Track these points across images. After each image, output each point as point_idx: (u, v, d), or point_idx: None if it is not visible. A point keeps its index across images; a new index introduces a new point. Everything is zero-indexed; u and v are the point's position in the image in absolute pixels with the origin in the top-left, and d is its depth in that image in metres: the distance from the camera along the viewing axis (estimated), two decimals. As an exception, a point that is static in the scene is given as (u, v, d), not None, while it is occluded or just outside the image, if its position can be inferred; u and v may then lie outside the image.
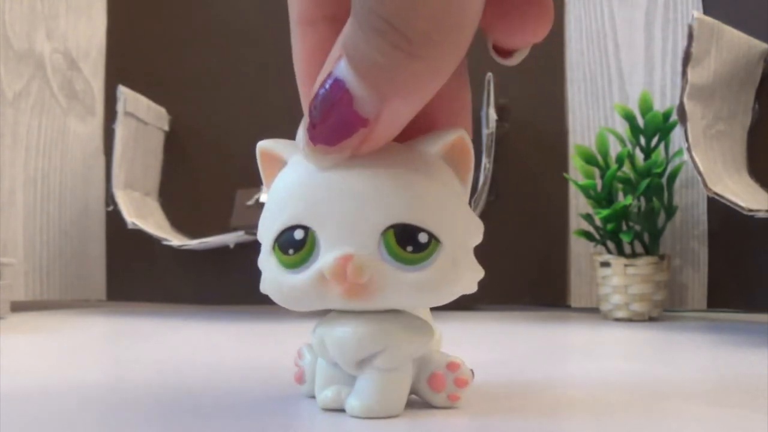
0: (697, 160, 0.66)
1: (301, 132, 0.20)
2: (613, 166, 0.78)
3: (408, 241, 0.21)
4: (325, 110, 0.19)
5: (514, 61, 0.22)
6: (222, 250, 0.85)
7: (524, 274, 0.92)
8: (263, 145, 0.24)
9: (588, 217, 0.82)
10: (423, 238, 0.21)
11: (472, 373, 0.25)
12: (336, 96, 0.19)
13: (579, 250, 0.90)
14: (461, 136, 0.22)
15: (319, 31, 0.21)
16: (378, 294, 0.22)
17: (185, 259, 0.95)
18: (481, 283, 0.23)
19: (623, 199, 0.77)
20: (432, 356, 0.25)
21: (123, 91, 0.90)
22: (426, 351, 0.25)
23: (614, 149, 0.83)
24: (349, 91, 0.18)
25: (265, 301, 0.24)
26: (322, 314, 0.24)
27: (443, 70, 0.18)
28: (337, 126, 0.19)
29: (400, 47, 0.17)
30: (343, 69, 0.18)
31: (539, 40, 0.21)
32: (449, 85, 0.20)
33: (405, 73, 0.17)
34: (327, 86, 0.19)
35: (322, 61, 0.20)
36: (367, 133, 0.19)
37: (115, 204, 0.87)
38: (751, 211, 0.61)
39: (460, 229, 0.22)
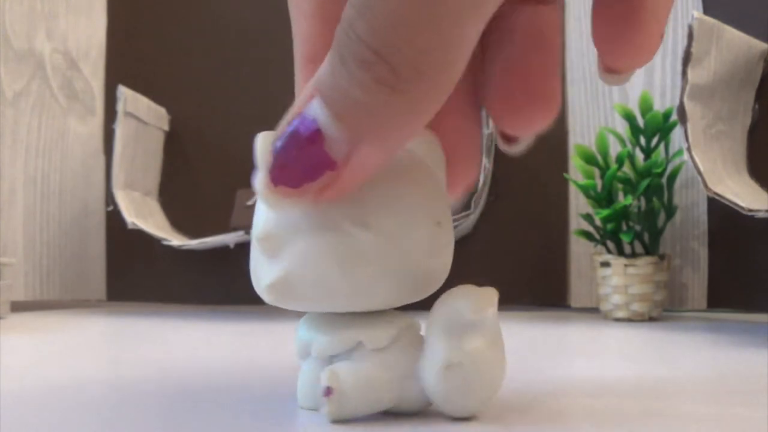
0: (697, 160, 0.66)
1: (261, 173, 0.19)
2: (613, 166, 0.78)
3: None
4: (292, 150, 0.18)
5: (518, 148, 0.23)
6: (222, 250, 0.85)
7: (524, 274, 0.92)
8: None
9: (588, 217, 0.82)
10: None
11: (328, 389, 0.22)
12: (305, 135, 0.18)
13: (579, 250, 0.90)
14: None
15: None
16: None
17: (185, 259, 0.95)
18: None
19: (623, 199, 0.77)
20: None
21: (123, 91, 0.90)
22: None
23: (614, 149, 0.83)
24: (320, 130, 0.17)
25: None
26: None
27: (426, 110, 0.17)
28: (303, 167, 0.18)
29: (385, 81, 0.16)
30: (315, 108, 0.17)
31: (543, 131, 0.22)
32: (463, 127, 0.23)
33: (385, 110, 0.17)
34: (295, 125, 0.18)
35: None
36: (333, 177, 0.18)
37: (115, 204, 0.87)
38: (751, 211, 0.61)
39: (302, 232, 0.21)
